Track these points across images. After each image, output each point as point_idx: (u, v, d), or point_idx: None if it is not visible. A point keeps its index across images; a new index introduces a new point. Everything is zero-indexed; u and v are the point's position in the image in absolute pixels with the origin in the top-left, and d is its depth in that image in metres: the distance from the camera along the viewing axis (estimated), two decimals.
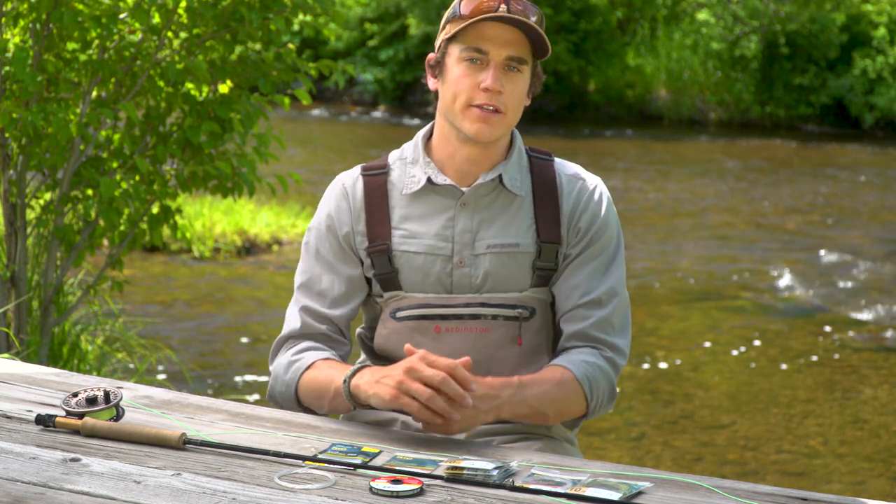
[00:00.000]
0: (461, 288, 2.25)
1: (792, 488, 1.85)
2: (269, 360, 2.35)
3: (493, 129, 2.21)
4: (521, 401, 2.12)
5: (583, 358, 2.22)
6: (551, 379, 2.17)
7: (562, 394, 2.17)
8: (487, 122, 2.20)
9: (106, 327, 5.28)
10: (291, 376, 2.25)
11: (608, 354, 2.25)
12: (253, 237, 9.00)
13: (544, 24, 2.24)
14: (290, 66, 4.40)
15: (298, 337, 2.31)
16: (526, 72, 2.22)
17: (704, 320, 7.61)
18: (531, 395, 2.13)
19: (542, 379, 2.17)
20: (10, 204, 4.38)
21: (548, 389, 2.15)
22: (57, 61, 4.25)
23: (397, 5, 19.60)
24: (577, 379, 2.18)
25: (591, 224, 2.28)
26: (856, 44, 18.50)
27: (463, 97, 2.20)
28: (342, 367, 2.20)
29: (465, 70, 2.20)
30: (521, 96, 2.23)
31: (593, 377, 2.21)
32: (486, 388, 2.07)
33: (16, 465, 1.81)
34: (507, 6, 2.18)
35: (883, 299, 8.15)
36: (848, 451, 5.40)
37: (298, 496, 1.74)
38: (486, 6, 2.18)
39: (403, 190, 2.30)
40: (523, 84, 2.23)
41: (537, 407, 2.14)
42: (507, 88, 2.20)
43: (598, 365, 2.22)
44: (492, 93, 2.18)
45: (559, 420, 2.22)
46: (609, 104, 19.34)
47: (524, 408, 2.13)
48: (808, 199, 12.43)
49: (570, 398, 2.19)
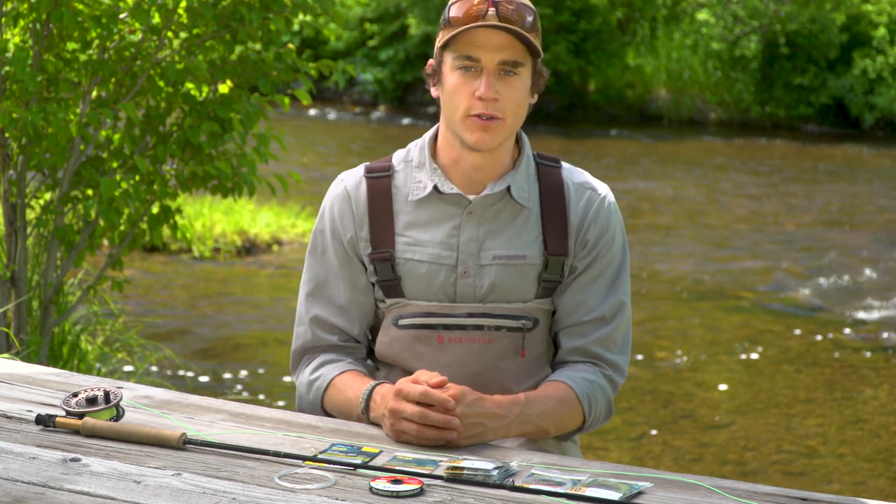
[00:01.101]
0: (465, 297, 2.23)
1: (792, 488, 1.85)
2: (291, 371, 2.36)
3: (494, 136, 2.18)
4: (527, 420, 2.12)
5: (583, 375, 2.22)
6: (554, 396, 2.17)
7: (563, 411, 2.18)
8: (487, 130, 2.17)
9: (106, 327, 5.28)
10: (314, 397, 2.26)
11: (608, 373, 2.26)
12: (253, 237, 9.00)
13: (538, 23, 2.20)
14: (290, 66, 4.40)
15: (312, 350, 2.31)
16: (524, 73, 2.18)
17: (704, 320, 7.61)
18: (536, 413, 2.13)
19: (545, 396, 2.16)
20: (10, 204, 4.38)
21: (552, 407, 2.16)
22: (57, 61, 4.25)
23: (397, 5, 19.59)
24: (577, 397, 2.19)
25: (599, 238, 2.26)
26: (856, 44, 18.48)
27: (461, 108, 2.17)
28: (359, 387, 2.18)
29: (459, 79, 2.17)
30: (520, 99, 2.19)
31: (593, 395, 2.21)
32: (494, 407, 2.06)
33: (16, 465, 1.81)
34: (496, 10, 2.14)
35: (883, 299, 8.15)
36: (848, 451, 5.40)
37: (298, 496, 1.73)
38: (475, 11, 2.14)
39: (409, 196, 2.27)
40: (522, 86, 2.18)
41: (541, 425, 2.14)
42: (504, 93, 2.16)
43: (598, 383, 2.23)
44: (487, 101, 2.15)
45: (557, 434, 2.22)
46: (609, 104, 19.33)
47: (529, 426, 2.13)
48: (808, 200, 12.43)
49: (570, 415, 2.19)
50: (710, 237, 10.37)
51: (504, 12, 2.14)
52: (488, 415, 2.04)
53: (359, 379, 2.21)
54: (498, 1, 2.15)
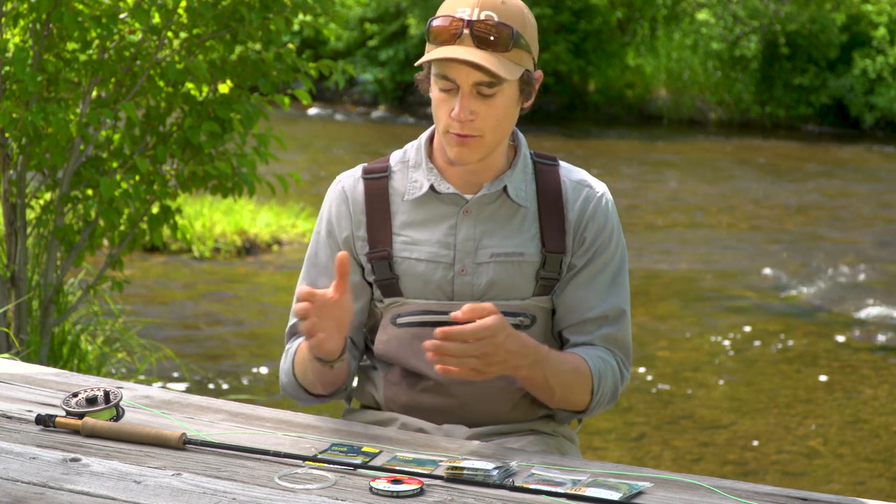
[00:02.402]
0: (462, 295, 2.23)
1: (792, 488, 1.85)
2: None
3: (472, 151, 2.18)
4: (539, 371, 2.13)
5: (599, 354, 2.24)
6: (571, 362, 2.19)
7: (574, 380, 2.19)
8: (465, 145, 2.16)
9: (106, 327, 5.28)
10: (287, 365, 2.28)
11: (619, 358, 2.28)
12: (253, 237, 9.00)
13: (526, 34, 2.13)
14: (290, 66, 4.40)
15: (299, 333, 2.30)
16: (505, 89, 2.14)
17: (704, 320, 7.61)
18: (550, 369, 2.14)
19: (563, 359, 2.18)
20: (10, 204, 4.38)
21: (566, 370, 2.17)
22: (57, 61, 4.25)
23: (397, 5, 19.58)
24: (590, 371, 2.20)
25: (597, 235, 2.26)
26: (856, 44, 18.48)
27: (441, 124, 2.18)
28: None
29: (439, 94, 2.17)
30: (499, 115, 2.16)
31: (604, 374, 2.22)
32: (521, 347, 2.08)
33: (16, 465, 1.81)
34: (470, 30, 2.10)
35: (883, 299, 8.15)
36: (848, 451, 5.40)
37: (298, 496, 1.74)
38: (452, 29, 2.11)
39: (405, 195, 2.28)
40: (502, 102, 2.15)
41: (550, 382, 2.15)
42: (482, 112, 2.14)
43: (610, 364, 2.24)
44: (463, 122, 2.14)
45: (559, 405, 2.22)
46: (609, 104, 19.32)
47: (539, 378, 2.14)
48: (808, 199, 12.42)
49: (579, 386, 2.20)
50: (709, 237, 10.37)
51: (479, 31, 2.10)
52: (512, 352, 2.06)
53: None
54: (473, 21, 2.11)
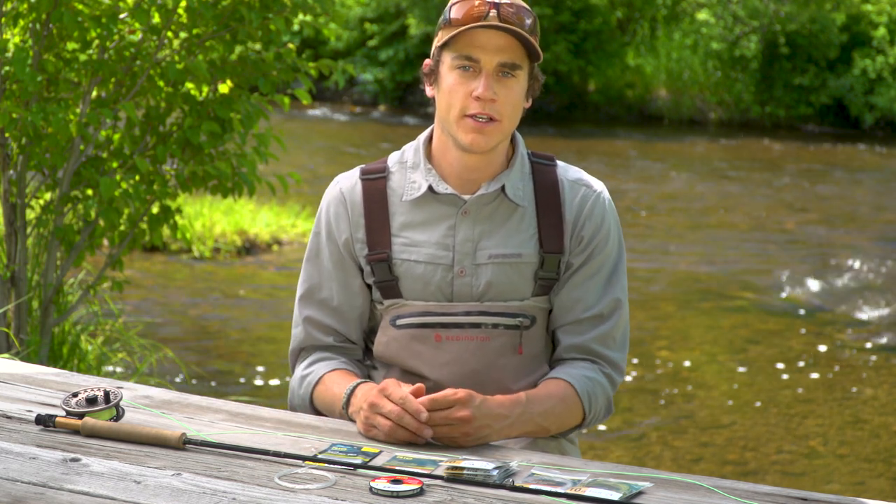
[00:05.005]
0: (462, 296, 2.23)
1: (792, 488, 1.85)
2: (290, 372, 2.37)
3: (489, 138, 2.18)
4: (529, 419, 2.12)
5: (583, 373, 2.22)
6: (555, 394, 2.18)
7: (564, 409, 2.18)
8: (482, 131, 2.17)
9: (106, 327, 5.28)
10: (305, 392, 2.28)
11: (607, 370, 2.26)
12: (253, 237, 9.00)
13: (538, 26, 2.21)
14: (290, 66, 4.40)
15: (308, 349, 2.33)
16: (521, 76, 2.19)
17: (704, 320, 7.61)
18: (538, 412, 2.13)
19: (546, 395, 2.17)
20: (10, 204, 4.38)
21: (553, 406, 2.16)
22: (57, 61, 4.25)
23: (397, 5, 19.58)
24: (577, 394, 2.19)
25: (594, 234, 2.26)
26: (856, 44, 18.49)
27: (457, 107, 2.17)
28: (345, 384, 2.19)
29: (457, 78, 2.17)
30: (516, 102, 2.19)
31: (593, 393, 2.22)
32: (498, 407, 2.06)
33: (16, 465, 1.81)
34: (497, 11, 2.14)
35: (883, 299, 8.15)
36: (848, 451, 5.40)
37: (298, 496, 1.74)
38: (477, 12, 2.15)
39: (403, 196, 2.27)
40: (519, 89, 2.19)
41: (542, 423, 2.15)
42: (501, 95, 2.16)
43: (597, 381, 2.23)
44: (484, 101, 2.15)
45: (558, 432, 2.22)
46: (609, 104, 19.32)
47: (531, 425, 2.13)
48: (808, 199, 12.43)
49: (570, 412, 2.19)
50: (709, 237, 10.37)
51: (505, 14, 2.15)
52: (493, 416, 2.04)
53: (347, 377, 2.23)
54: (499, 3, 2.15)
